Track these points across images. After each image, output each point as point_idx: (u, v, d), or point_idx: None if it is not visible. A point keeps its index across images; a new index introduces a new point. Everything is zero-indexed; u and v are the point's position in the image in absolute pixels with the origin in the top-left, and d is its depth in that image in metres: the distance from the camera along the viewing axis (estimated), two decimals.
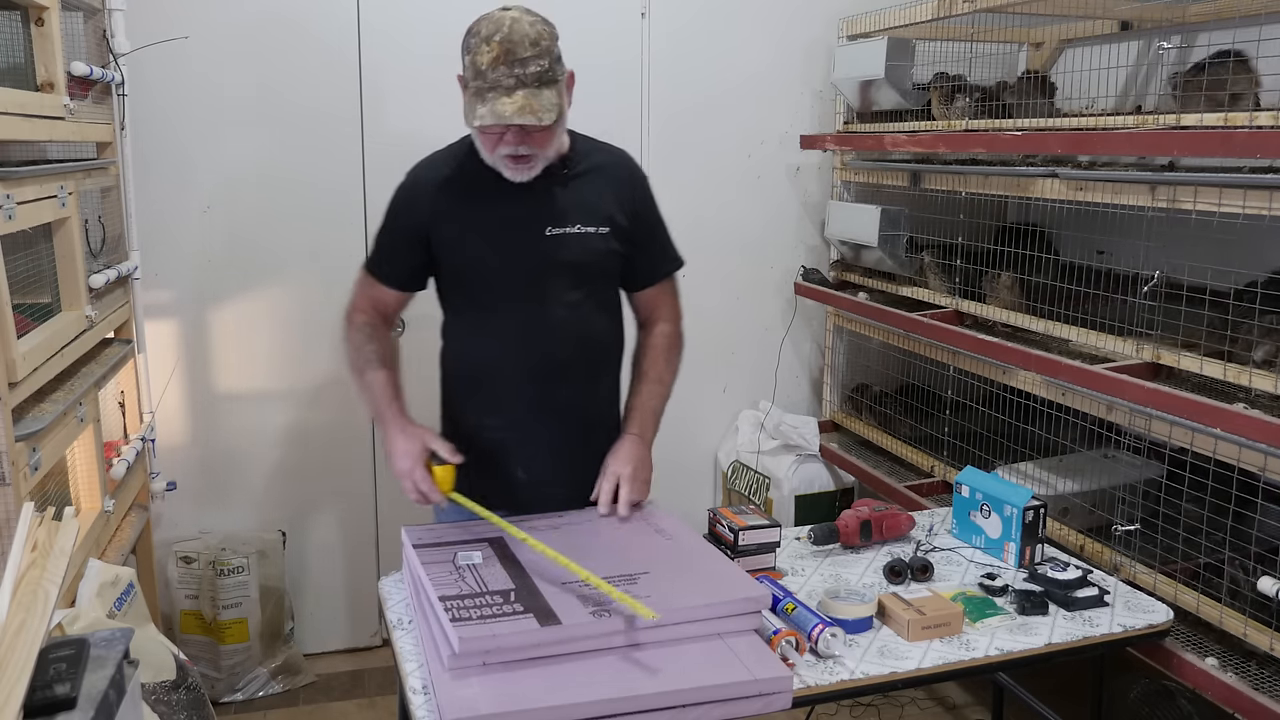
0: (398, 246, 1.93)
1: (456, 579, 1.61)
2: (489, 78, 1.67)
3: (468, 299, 1.92)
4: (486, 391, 1.91)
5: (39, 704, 1.09)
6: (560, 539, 1.76)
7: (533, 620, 1.47)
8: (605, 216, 1.87)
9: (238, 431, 2.97)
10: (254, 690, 2.90)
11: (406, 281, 1.95)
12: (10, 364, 1.70)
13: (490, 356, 1.89)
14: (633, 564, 1.67)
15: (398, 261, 1.93)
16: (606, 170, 1.91)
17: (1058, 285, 2.30)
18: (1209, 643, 1.95)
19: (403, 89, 2.95)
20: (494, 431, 1.90)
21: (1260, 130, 1.76)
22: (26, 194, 1.81)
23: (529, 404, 1.88)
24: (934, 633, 1.69)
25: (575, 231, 1.85)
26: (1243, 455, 1.84)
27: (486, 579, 1.62)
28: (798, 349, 3.47)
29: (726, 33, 3.21)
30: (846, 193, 3.21)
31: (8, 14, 1.96)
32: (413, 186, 1.90)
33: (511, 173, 1.77)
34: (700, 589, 1.58)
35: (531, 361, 1.86)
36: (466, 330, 1.94)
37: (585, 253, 1.86)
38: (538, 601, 1.53)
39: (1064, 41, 2.98)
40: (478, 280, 1.88)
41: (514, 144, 1.73)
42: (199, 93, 2.79)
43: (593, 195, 1.87)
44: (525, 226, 1.83)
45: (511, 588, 1.58)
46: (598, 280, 1.91)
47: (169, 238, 2.82)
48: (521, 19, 1.70)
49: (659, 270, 2.00)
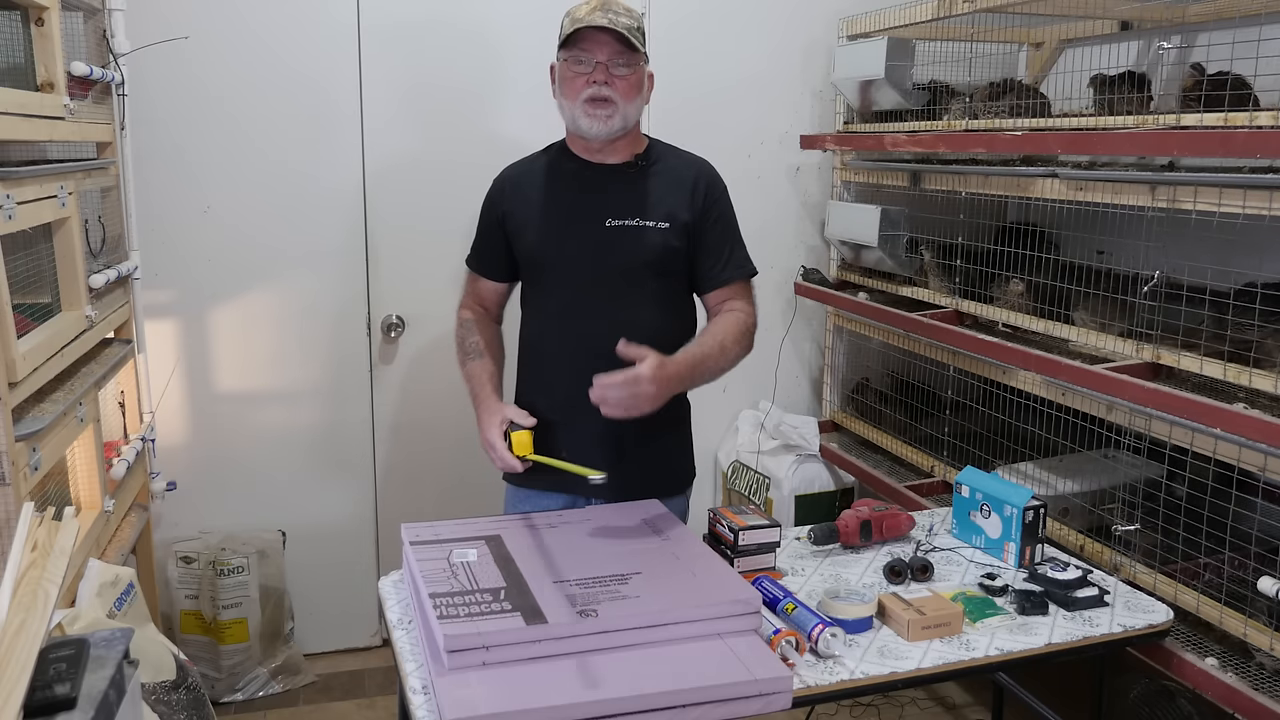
0: (485, 239, 2.08)
1: (449, 576, 1.63)
2: (583, 19, 1.83)
3: (533, 285, 2.04)
4: (537, 373, 2.02)
5: (39, 704, 1.09)
6: (557, 537, 1.79)
7: (519, 619, 1.49)
8: (666, 213, 1.94)
9: (238, 431, 2.98)
10: (254, 690, 2.90)
11: (498, 272, 2.09)
12: (10, 364, 1.70)
13: (542, 339, 2.01)
14: (626, 565, 1.68)
15: (487, 253, 2.09)
16: (678, 171, 2.01)
17: (1059, 285, 2.30)
18: (1209, 643, 1.95)
19: (403, 89, 2.95)
20: (542, 412, 1.96)
21: (1260, 130, 1.76)
22: (26, 194, 1.81)
23: (572, 388, 1.89)
24: (934, 633, 1.69)
25: (634, 224, 1.93)
26: (1243, 455, 1.84)
27: (479, 576, 1.63)
28: (798, 349, 3.47)
29: (726, 33, 3.21)
30: (846, 193, 3.21)
31: (8, 14, 1.96)
32: (498, 182, 2.08)
33: (590, 122, 1.88)
34: (690, 591, 1.59)
35: (577, 347, 1.94)
36: (529, 312, 2.06)
37: (642, 246, 1.93)
38: (526, 600, 1.54)
39: (1064, 41, 2.98)
40: (537, 266, 2.00)
41: (600, 82, 1.86)
42: (199, 93, 2.79)
43: (658, 192, 1.96)
44: (588, 217, 1.94)
45: (502, 586, 1.59)
46: (653, 275, 1.96)
47: (169, 238, 2.82)
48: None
49: (727, 274, 2.01)
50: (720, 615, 1.56)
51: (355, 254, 3.00)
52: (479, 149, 2.94)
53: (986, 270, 2.54)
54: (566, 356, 1.95)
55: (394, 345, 3.07)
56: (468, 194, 2.36)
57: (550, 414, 1.95)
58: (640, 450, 1.99)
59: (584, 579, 1.63)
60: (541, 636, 1.47)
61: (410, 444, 3.11)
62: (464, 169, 2.95)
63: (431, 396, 3.08)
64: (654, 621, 1.52)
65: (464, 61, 2.98)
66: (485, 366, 2.02)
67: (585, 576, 1.63)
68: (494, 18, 2.99)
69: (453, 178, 2.98)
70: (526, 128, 2.62)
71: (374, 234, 2.99)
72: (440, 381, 3.00)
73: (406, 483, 3.12)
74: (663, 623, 1.53)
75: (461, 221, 2.21)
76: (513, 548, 1.75)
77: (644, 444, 1.99)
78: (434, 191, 2.99)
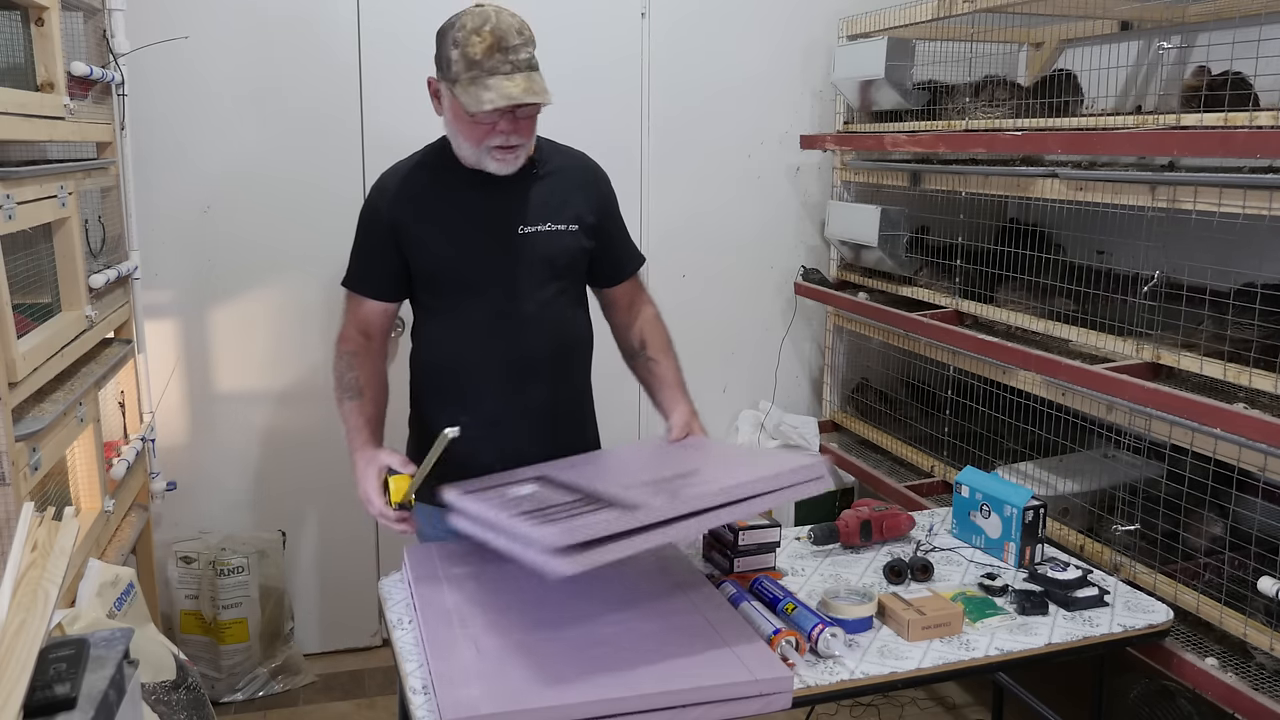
0: (373, 257, 1.93)
1: (518, 503, 1.58)
2: (486, 65, 1.70)
3: (439, 299, 1.92)
4: (461, 390, 1.92)
5: (39, 704, 1.09)
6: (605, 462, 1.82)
7: (615, 511, 1.44)
8: (574, 215, 1.91)
9: (238, 431, 2.98)
10: (254, 690, 2.90)
11: (387, 291, 1.94)
12: (10, 364, 1.70)
13: (464, 355, 1.90)
14: (684, 464, 1.68)
15: (375, 272, 1.93)
16: (572, 170, 1.95)
17: (1058, 285, 2.30)
18: (1209, 643, 1.95)
19: (403, 89, 2.95)
20: (469, 430, 1.87)
21: (1260, 130, 1.76)
22: (26, 194, 1.81)
23: (504, 401, 1.89)
24: (934, 633, 1.69)
25: (547, 229, 1.88)
26: (1243, 455, 1.84)
27: (548, 498, 1.59)
28: (798, 349, 3.47)
29: (726, 33, 3.21)
30: (846, 193, 3.22)
31: (8, 14, 1.96)
32: (379, 195, 1.93)
33: (498, 165, 1.80)
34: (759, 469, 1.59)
35: (506, 359, 1.88)
36: (439, 330, 1.94)
37: (557, 250, 1.89)
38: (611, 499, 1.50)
39: (1064, 41, 2.98)
40: (449, 280, 1.89)
41: (507, 132, 1.76)
42: (199, 93, 2.79)
43: (561, 194, 1.91)
44: (497, 225, 1.86)
45: (578, 497, 1.56)
46: (569, 278, 1.94)
47: (169, 238, 2.82)
48: (503, 11, 1.74)
49: (628, 266, 2.04)
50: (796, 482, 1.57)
51: None
52: None
53: (987, 270, 2.54)
54: (493, 367, 1.88)
55: (394, 345, 3.06)
56: None
57: (481, 429, 1.87)
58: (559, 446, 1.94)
59: (653, 480, 1.60)
60: (642, 522, 1.43)
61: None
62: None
63: None
64: (739, 496, 1.51)
65: None
66: (361, 409, 1.89)
67: (653, 478, 1.61)
68: None
69: None
70: None
71: None
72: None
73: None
74: (747, 496, 1.52)
75: None
76: (566, 478, 1.71)
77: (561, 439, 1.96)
78: None
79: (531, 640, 1.53)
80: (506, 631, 1.56)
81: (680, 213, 3.27)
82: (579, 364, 2.01)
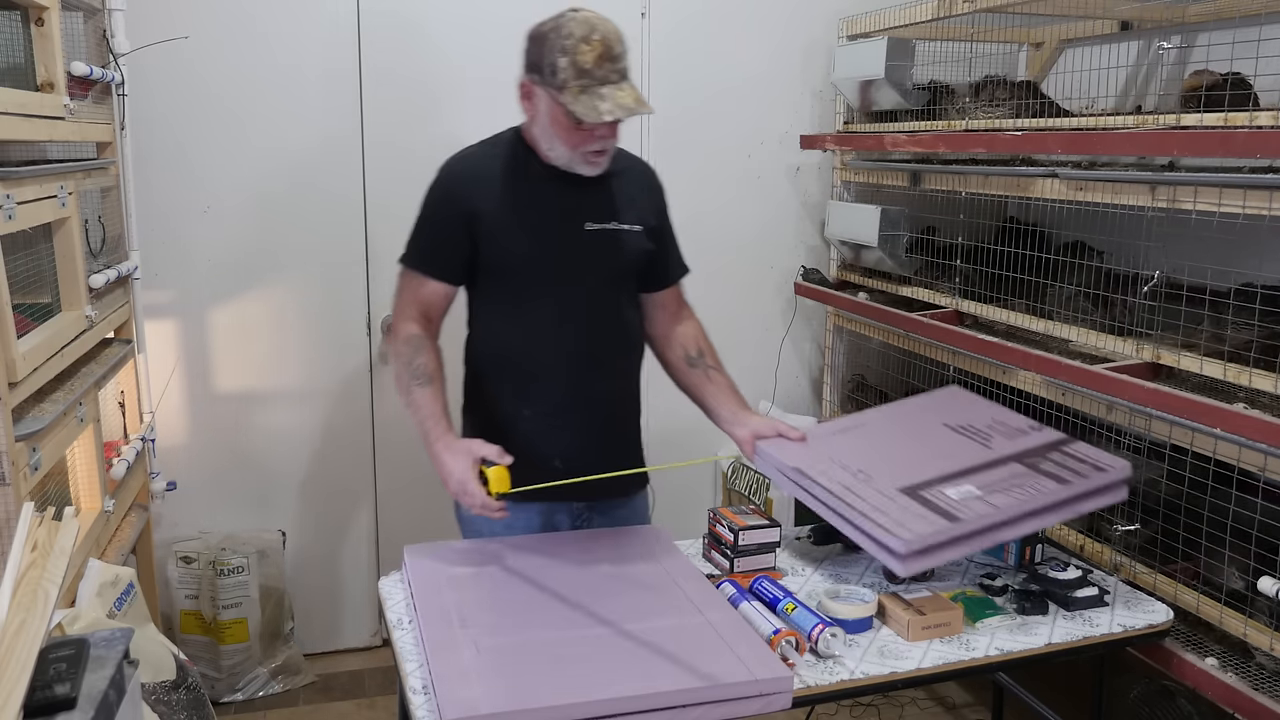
0: (441, 239, 1.91)
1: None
2: (597, 75, 1.74)
3: (505, 289, 1.92)
4: (522, 381, 1.93)
5: (39, 704, 1.09)
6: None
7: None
8: (638, 216, 1.95)
9: (238, 431, 2.98)
10: (254, 690, 2.90)
11: (453, 274, 1.93)
12: (10, 364, 1.70)
13: (527, 346, 1.92)
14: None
15: (443, 254, 1.91)
16: (635, 173, 2.01)
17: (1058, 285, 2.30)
18: (1209, 643, 1.95)
19: (403, 89, 2.95)
20: (528, 421, 1.92)
21: (1260, 130, 1.76)
22: (26, 194, 1.81)
23: (564, 393, 1.92)
24: (934, 633, 1.69)
25: (613, 228, 1.92)
26: (1243, 455, 1.84)
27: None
28: (798, 349, 3.47)
29: (726, 33, 3.21)
30: (846, 193, 3.21)
31: (8, 14, 1.96)
32: (451, 178, 1.92)
33: (591, 167, 1.85)
34: None
35: (568, 352, 1.91)
36: (502, 320, 1.93)
37: (622, 249, 1.93)
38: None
39: (1064, 41, 2.98)
40: (518, 271, 1.90)
41: (607, 137, 1.81)
42: (199, 93, 2.79)
43: (628, 195, 1.95)
44: (567, 220, 1.89)
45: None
46: (628, 277, 1.98)
47: (169, 238, 2.82)
48: (600, 18, 1.78)
49: (676, 272, 2.09)
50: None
51: (355, 254, 3.00)
52: None
53: (986, 270, 2.54)
54: (555, 360, 1.90)
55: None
56: None
57: (541, 420, 1.91)
58: (613, 440, 2.00)
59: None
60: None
61: (410, 444, 3.10)
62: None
63: None
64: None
65: (465, 60, 2.98)
66: (436, 396, 1.86)
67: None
68: (496, 16, 2.98)
69: None
70: None
71: (374, 234, 2.99)
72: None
73: (407, 483, 3.12)
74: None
75: None
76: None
77: (615, 433, 2.01)
78: None
79: (531, 640, 1.53)
80: (506, 631, 1.56)
81: (680, 212, 3.22)
82: (634, 362, 2.04)
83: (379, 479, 3.11)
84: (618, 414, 2.02)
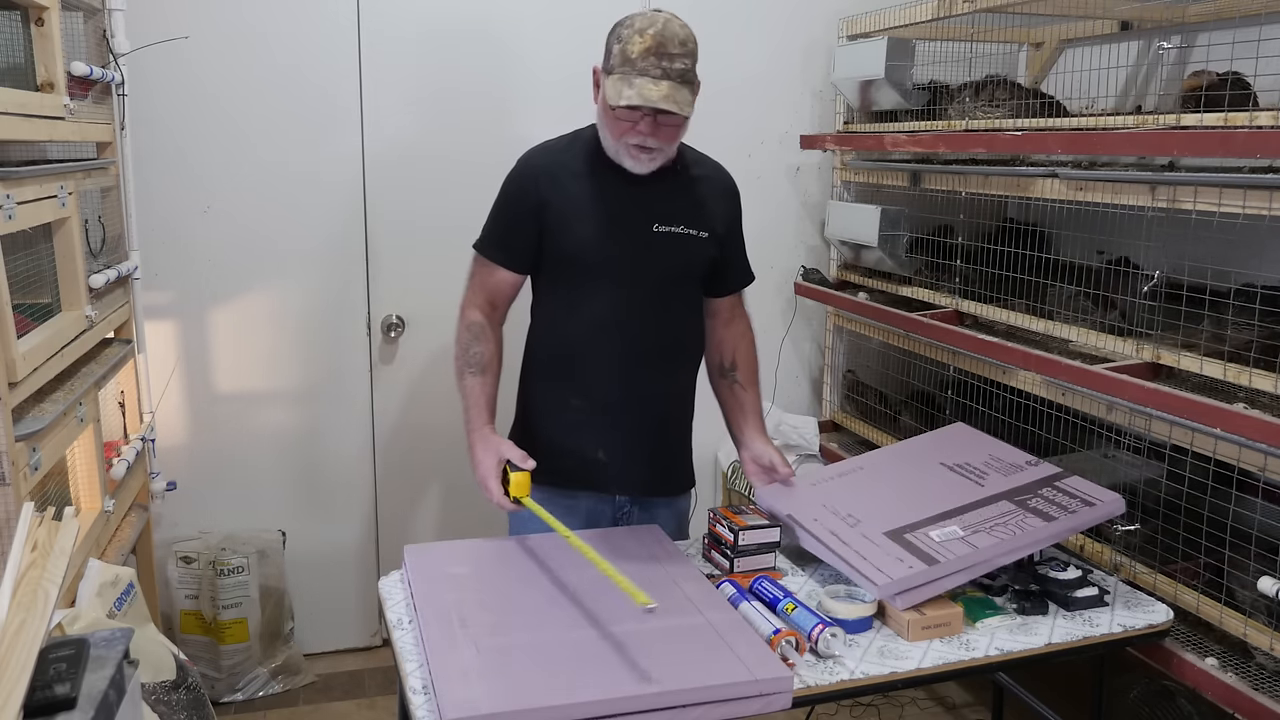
0: (513, 229, 1.96)
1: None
2: (638, 65, 1.77)
3: (567, 283, 1.95)
4: (576, 373, 1.96)
5: (39, 704, 1.09)
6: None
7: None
8: (707, 223, 1.97)
9: (238, 431, 2.98)
10: (254, 690, 2.90)
11: (522, 263, 1.97)
12: (10, 364, 1.70)
13: (584, 340, 1.95)
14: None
15: (513, 242, 1.96)
16: (712, 181, 2.03)
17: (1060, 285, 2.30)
18: (1209, 643, 1.95)
19: (403, 89, 2.95)
20: (579, 413, 1.95)
21: (1260, 130, 1.76)
22: (26, 194, 1.81)
23: (617, 390, 1.94)
24: (934, 633, 1.69)
25: (679, 232, 1.94)
26: (1243, 455, 1.84)
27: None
28: (798, 349, 3.47)
29: (726, 33, 3.20)
30: (846, 193, 3.21)
31: (8, 14, 1.96)
32: (527, 171, 1.96)
33: (633, 163, 1.86)
34: None
35: (623, 350, 1.93)
36: (563, 313, 1.97)
37: (685, 253, 1.95)
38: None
39: (1064, 41, 2.98)
40: (583, 265, 1.93)
41: (645, 134, 1.82)
42: (199, 93, 2.79)
43: (699, 201, 1.97)
44: (634, 220, 1.92)
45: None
46: (690, 281, 2.00)
47: (169, 238, 2.82)
48: (673, 20, 1.82)
49: (740, 280, 2.12)
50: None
51: (355, 254, 3.00)
52: (479, 148, 2.94)
53: (986, 270, 2.54)
54: (617, 360, 1.93)
55: (394, 345, 3.07)
56: (468, 193, 2.36)
57: (591, 414, 1.95)
58: (662, 440, 2.04)
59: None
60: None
61: (411, 444, 3.11)
62: (464, 168, 2.95)
63: (432, 396, 3.08)
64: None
65: (465, 60, 2.98)
66: (485, 387, 1.92)
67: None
68: (496, 16, 2.99)
69: (453, 177, 2.98)
70: (528, 125, 2.63)
71: (374, 234, 2.99)
72: (441, 381, 3.00)
73: (407, 483, 3.13)
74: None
75: (462, 221, 2.20)
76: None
77: (664, 434, 2.04)
78: (434, 191, 2.99)
79: (531, 640, 1.53)
80: (506, 631, 1.56)
81: None
82: (689, 365, 2.06)
83: (379, 479, 3.11)
84: (670, 415, 2.04)
